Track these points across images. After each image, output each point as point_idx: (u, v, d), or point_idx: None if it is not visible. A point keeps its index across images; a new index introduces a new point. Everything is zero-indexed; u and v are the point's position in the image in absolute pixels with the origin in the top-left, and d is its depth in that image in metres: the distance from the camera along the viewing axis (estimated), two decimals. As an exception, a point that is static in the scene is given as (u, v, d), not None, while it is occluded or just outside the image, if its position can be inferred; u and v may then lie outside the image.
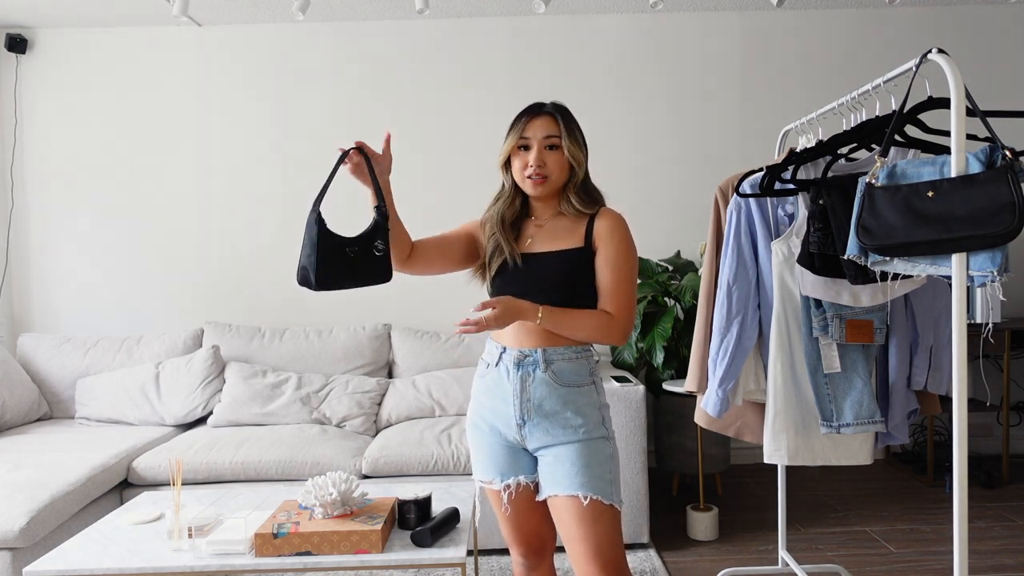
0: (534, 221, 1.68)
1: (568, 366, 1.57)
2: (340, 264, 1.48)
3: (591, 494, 1.49)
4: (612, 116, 3.82)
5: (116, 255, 3.80)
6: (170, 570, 1.71)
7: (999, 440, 3.84)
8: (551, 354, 1.56)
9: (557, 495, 1.53)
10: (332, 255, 1.47)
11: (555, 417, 1.55)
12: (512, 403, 1.58)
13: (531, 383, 1.56)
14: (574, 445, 1.53)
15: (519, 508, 1.64)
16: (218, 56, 3.78)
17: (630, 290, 1.58)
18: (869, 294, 1.89)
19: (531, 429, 1.56)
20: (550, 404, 1.55)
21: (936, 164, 1.51)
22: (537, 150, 1.58)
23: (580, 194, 1.62)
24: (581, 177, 1.62)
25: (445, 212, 3.73)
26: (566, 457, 1.53)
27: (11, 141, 3.77)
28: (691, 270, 3.47)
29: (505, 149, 1.63)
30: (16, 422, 3.22)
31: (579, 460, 1.52)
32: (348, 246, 1.49)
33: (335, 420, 3.12)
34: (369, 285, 1.52)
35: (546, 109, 1.61)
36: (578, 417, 1.55)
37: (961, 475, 1.48)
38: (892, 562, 2.67)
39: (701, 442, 2.99)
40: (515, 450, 1.61)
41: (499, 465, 1.62)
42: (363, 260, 1.50)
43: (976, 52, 3.84)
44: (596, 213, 1.62)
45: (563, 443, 1.54)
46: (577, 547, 1.52)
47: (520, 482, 1.60)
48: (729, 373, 2.06)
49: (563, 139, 1.58)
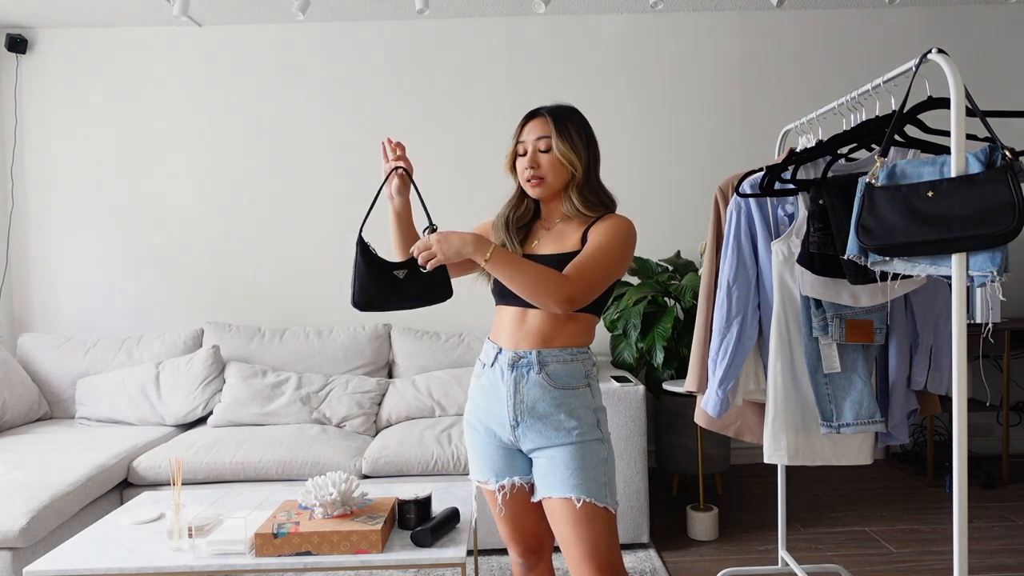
0: (543, 224, 1.68)
1: (562, 368, 1.56)
2: (387, 287, 1.50)
3: (584, 496, 1.49)
4: (612, 116, 3.82)
5: (116, 255, 3.80)
6: (170, 570, 1.71)
7: (999, 440, 3.84)
8: (545, 356, 1.55)
9: (551, 497, 1.53)
10: (377, 278, 1.50)
11: (548, 419, 1.54)
12: (506, 404, 1.57)
13: (524, 385, 1.55)
14: (568, 447, 1.53)
15: (515, 509, 1.64)
16: (218, 56, 3.78)
17: (598, 272, 1.51)
18: (869, 294, 1.89)
19: (524, 431, 1.56)
20: (543, 406, 1.54)
21: (936, 164, 1.51)
22: (531, 153, 1.59)
23: (583, 195, 1.60)
24: (581, 178, 1.60)
25: (445, 212, 3.74)
26: (560, 459, 1.53)
27: (11, 141, 3.77)
28: (691, 270, 3.47)
29: (509, 153, 1.66)
30: (16, 422, 3.22)
31: (572, 463, 1.51)
32: (396, 268, 1.51)
33: (335, 420, 3.12)
34: (427, 305, 1.53)
35: (541, 112, 1.62)
36: (572, 419, 1.54)
37: (961, 475, 1.48)
38: (892, 562, 2.67)
39: (701, 442, 2.99)
40: (510, 451, 1.61)
41: (494, 465, 1.62)
42: (412, 281, 1.51)
43: (976, 52, 3.84)
44: (600, 217, 1.60)
45: (557, 445, 1.54)
46: (572, 549, 1.52)
47: (515, 483, 1.60)
48: (729, 373, 2.06)
49: (552, 140, 1.57)
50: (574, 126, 1.60)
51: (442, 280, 1.54)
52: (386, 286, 1.50)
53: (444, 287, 1.54)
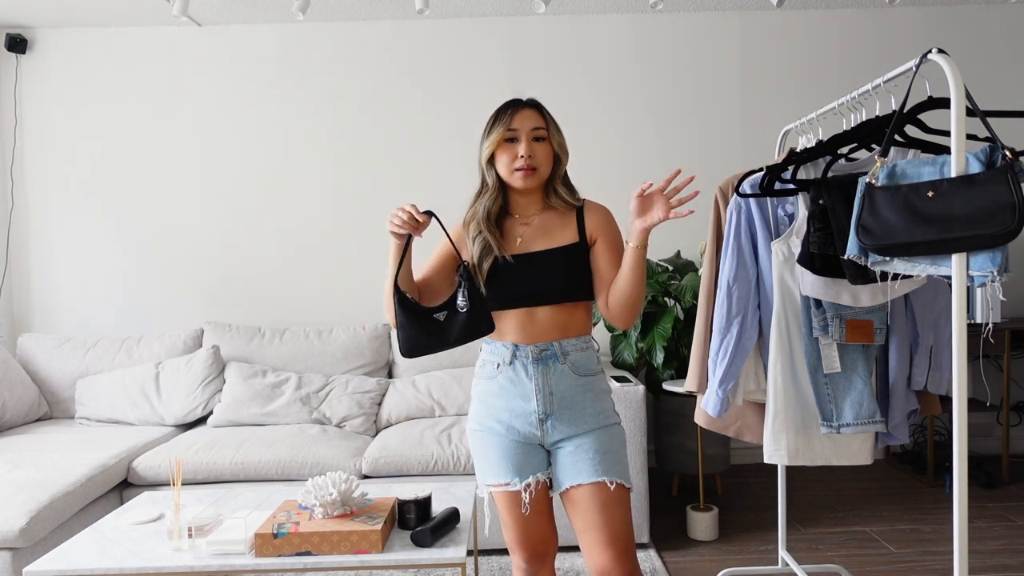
0: (519, 220, 1.66)
1: (582, 356, 1.61)
2: (429, 332, 1.52)
3: (617, 479, 1.54)
4: (612, 116, 3.82)
5: (116, 255, 3.80)
6: (170, 570, 1.71)
7: (999, 440, 3.84)
8: (566, 346, 1.60)
9: (580, 484, 1.54)
10: (419, 326, 1.52)
11: (576, 407, 1.58)
12: (534, 398, 1.58)
13: (552, 376, 1.58)
14: (595, 433, 1.57)
15: (533, 510, 1.60)
16: (218, 56, 3.78)
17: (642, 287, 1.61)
18: (869, 294, 1.89)
19: (554, 422, 1.57)
20: (572, 394, 1.58)
21: (936, 164, 1.51)
22: (526, 142, 1.59)
23: (566, 185, 1.67)
24: (563, 169, 1.66)
25: (444, 212, 3.73)
26: (589, 445, 1.56)
27: (11, 141, 3.77)
28: (691, 270, 3.47)
29: (491, 143, 1.61)
30: (16, 422, 3.22)
31: (602, 447, 1.56)
32: (435, 312, 1.53)
33: (335, 420, 3.12)
34: (472, 340, 1.53)
35: (528, 103, 1.63)
36: (596, 404, 1.60)
37: (961, 475, 1.48)
38: (892, 562, 2.67)
39: (701, 442, 2.99)
40: (530, 447, 1.61)
41: (516, 465, 1.59)
42: (451, 321, 1.53)
43: (976, 52, 3.83)
44: (582, 206, 1.66)
45: (583, 432, 1.57)
46: (596, 535, 1.52)
47: (538, 479, 1.59)
48: (729, 373, 2.06)
49: (550, 130, 1.62)
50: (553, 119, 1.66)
51: (482, 315, 1.53)
52: (428, 331, 1.52)
53: (485, 320, 1.53)
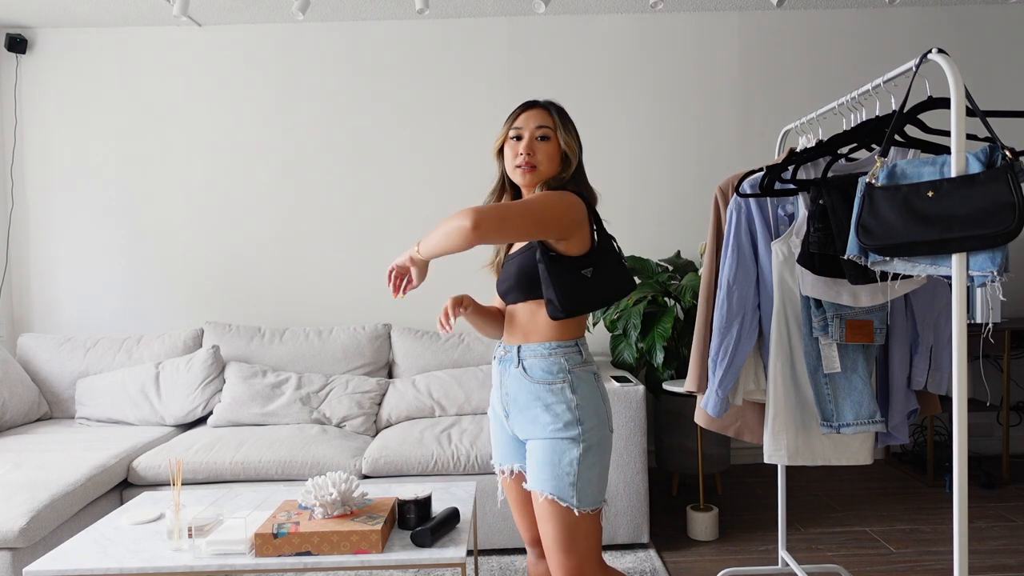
0: None
1: (538, 362, 1.57)
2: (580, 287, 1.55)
3: (547, 492, 1.51)
4: (612, 116, 3.82)
5: (116, 255, 3.80)
6: (170, 570, 1.71)
7: (999, 440, 3.84)
8: (524, 351, 1.60)
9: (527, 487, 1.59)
10: (570, 281, 1.54)
11: (526, 412, 1.58)
12: (499, 394, 1.66)
13: (507, 378, 1.63)
14: (540, 442, 1.56)
15: (519, 496, 1.71)
16: (218, 56, 3.78)
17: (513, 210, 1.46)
18: (869, 294, 1.89)
19: (512, 421, 1.63)
20: (522, 399, 1.59)
21: (936, 164, 1.51)
22: (528, 139, 1.60)
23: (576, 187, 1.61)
24: (574, 170, 1.62)
25: (445, 211, 3.74)
26: (533, 452, 1.57)
27: (11, 141, 3.77)
28: (691, 270, 3.47)
29: (499, 139, 1.67)
30: (16, 422, 3.22)
31: (543, 457, 1.54)
32: (583, 268, 1.55)
33: (335, 420, 3.12)
34: (620, 298, 1.62)
35: (539, 103, 1.65)
36: (546, 414, 1.54)
37: (961, 475, 1.48)
38: (892, 562, 2.67)
39: (701, 442, 2.99)
40: (513, 438, 1.67)
41: (501, 450, 1.71)
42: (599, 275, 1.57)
43: (976, 52, 3.84)
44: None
45: (534, 438, 1.58)
46: (544, 540, 1.56)
47: (513, 469, 1.68)
48: (729, 373, 2.06)
49: (558, 130, 1.61)
50: (570, 121, 1.66)
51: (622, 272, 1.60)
52: (579, 286, 1.54)
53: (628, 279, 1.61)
